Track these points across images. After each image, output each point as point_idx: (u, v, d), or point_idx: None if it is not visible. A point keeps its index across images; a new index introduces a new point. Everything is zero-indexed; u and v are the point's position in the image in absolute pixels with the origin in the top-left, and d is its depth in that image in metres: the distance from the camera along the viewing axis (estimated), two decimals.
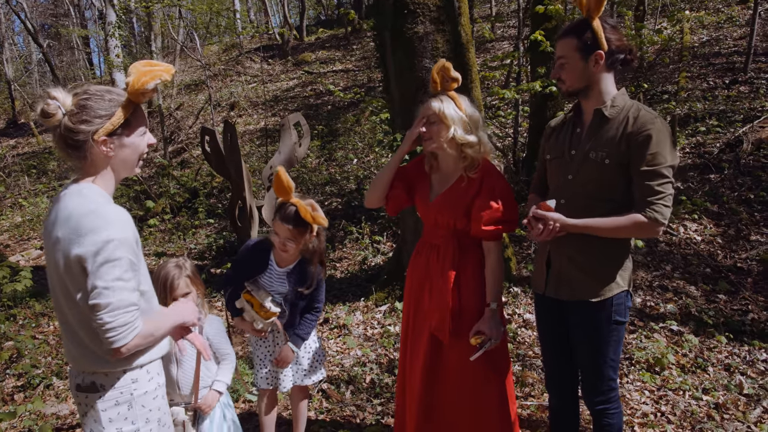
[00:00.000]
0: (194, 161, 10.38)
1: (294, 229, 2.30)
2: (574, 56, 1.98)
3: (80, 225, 1.46)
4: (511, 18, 12.79)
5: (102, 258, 1.44)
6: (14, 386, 3.85)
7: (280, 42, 16.31)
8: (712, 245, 4.86)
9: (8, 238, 8.75)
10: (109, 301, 1.44)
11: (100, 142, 1.53)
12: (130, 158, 1.61)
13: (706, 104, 7.29)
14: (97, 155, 1.55)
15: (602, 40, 1.93)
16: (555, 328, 2.25)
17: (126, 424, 1.60)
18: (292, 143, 5.00)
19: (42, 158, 12.43)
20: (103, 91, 1.56)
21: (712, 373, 3.35)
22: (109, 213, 1.49)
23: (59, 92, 1.51)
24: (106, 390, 1.58)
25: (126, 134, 1.58)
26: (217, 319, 2.45)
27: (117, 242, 1.46)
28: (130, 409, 1.60)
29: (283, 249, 2.36)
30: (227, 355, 2.42)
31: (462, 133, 2.16)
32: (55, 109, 1.49)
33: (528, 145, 6.59)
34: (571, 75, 2.01)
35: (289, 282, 2.45)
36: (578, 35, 1.96)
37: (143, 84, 1.53)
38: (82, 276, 1.46)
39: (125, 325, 1.46)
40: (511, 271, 4.53)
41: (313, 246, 2.43)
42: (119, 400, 1.59)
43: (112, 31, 11.54)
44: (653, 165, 1.89)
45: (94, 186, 1.56)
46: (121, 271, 1.47)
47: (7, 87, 17.49)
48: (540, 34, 5.25)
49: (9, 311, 5.04)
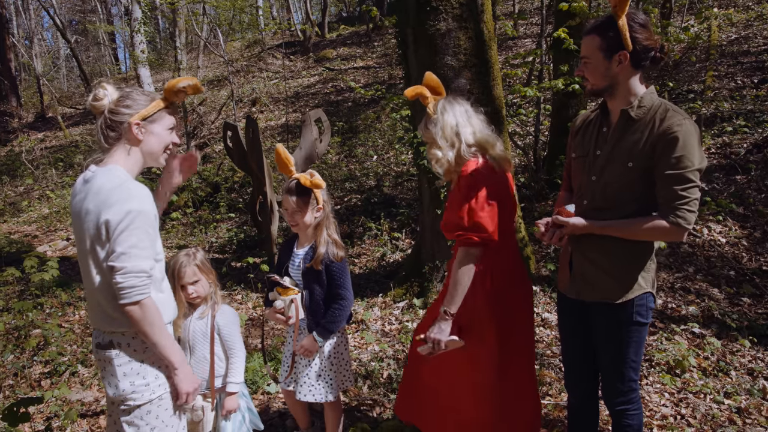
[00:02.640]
0: (216, 156, 10.50)
1: (298, 199, 2.42)
2: (596, 55, 1.93)
3: (109, 196, 1.72)
4: (534, 15, 12.67)
5: (123, 225, 1.69)
6: (41, 373, 3.96)
7: (301, 39, 16.40)
8: (736, 247, 4.77)
9: (36, 229, 8.97)
10: (123, 264, 1.69)
11: (134, 124, 1.80)
12: (156, 147, 1.88)
13: (733, 104, 7.14)
14: (129, 137, 1.82)
15: (627, 39, 1.86)
16: (576, 327, 2.24)
17: (138, 378, 1.82)
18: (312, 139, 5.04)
19: (69, 151, 12.70)
20: (143, 91, 1.90)
21: (735, 377, 3.30)
22: (132, 188, 1.75)
23: (110, 85, 1.84)
24: (121, 348, 1.82)
25: (155, 124, 1.86)
26: (229, 310, 2.47)
27: (136, 213, 1.71)
28: (141, 365, 1.84)
29: (292, 222, 2.48)
30: (234, 350, 2.41)
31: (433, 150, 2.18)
32: (103, 95, 1.80)
33: (549, 144, 6.54)
34: (594, 74, 1.96)
35: (304, 262, 2.50)
36: (602, 34, 1.91)
37: (176, 83, 1.86)
38: (107, 239, 1.72)
39: (133, 288, 1.71)
40: (530, 271, 4.51)
41: (318, 218, 2.48)
42: (132, 357, 1.83)
43: (137, 27, 11.72)
44: (679, 169, 1.83)
45: (119, 167, 1.82)
46: (137, 239, 1.71)
47: (36, 82, 17.90)
48: (563, 31, 5.19)
49: (36, 300, 5.18)
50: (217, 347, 2.39)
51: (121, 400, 1.82)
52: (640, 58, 1.91)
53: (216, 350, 2.39)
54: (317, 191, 2.43)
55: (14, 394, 3.68)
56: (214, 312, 2.40)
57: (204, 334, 2.38)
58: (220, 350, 2.41)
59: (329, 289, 2.48)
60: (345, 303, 2.48)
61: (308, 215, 2.44)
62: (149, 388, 1.83)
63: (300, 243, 2.56)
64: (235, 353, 2.41)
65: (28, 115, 17.17)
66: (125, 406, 1.82)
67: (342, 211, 7.09)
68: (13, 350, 4.23)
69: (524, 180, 6.15)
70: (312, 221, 2.46)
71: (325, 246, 2.45)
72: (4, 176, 12.32)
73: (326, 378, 2.54)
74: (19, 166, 12.50)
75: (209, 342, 2.37)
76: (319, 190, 2.43)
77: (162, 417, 1.87)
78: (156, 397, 1.85)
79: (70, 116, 16.54)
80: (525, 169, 6.58)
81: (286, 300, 2.48)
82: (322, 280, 2.46)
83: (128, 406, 1.82)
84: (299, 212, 2.43)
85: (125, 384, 1.80)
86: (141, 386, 1.82)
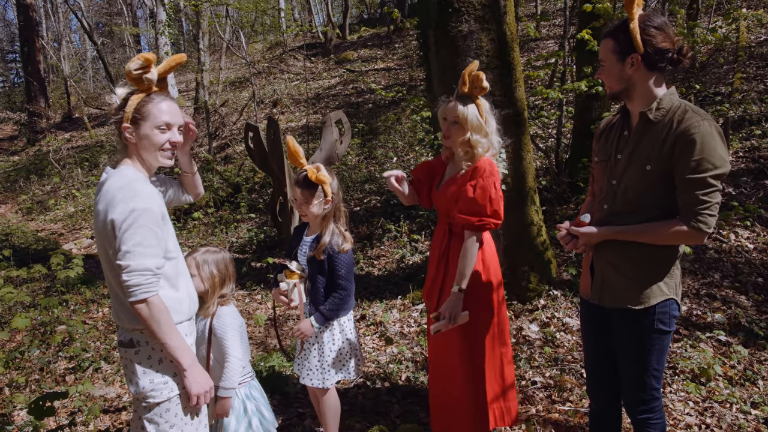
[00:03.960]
0: (237, 157, 10.61)
1: (305, 190, 2.50)
2: (610, 58, 1.94)
3: (114, 197, 1.74)
4: (556, 16, 12.55)
5: (127, 224, 1.71)
6: (65, 368, 4.04)
7: (323, 40, 16.49)
8: (765, 254, 4.65)
9: (62, 227, 9.17)
10: (128, 263, 1.71)
11: (124, 129, 1.83)
12: (149, 148, 1.85)
13: (762, 106, 6.97)
14: (126, 141, 1.85)
15: (638, 41, 1.85)
16: (598, 333, 2.20)
17: (157, 376, 1.84)
18: (333, 140, 5.05)
19: (94, 151, 12.95)
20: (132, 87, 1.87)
21: (763, 387, 3.22)
22: (137, 187, 1.77)
23: (123, 89, 1.86)
24: (141, 346, 1.84)
25: (142, 124, 1.84)
26: (228, 313, 2.39)
27: (141, 211, 1.72)
28: (161, 364, 1.85)
29: (301, 212, 2.57)
30: (228, 356, 2.32)
31: (477, 137, 2.41)
32: (113, 101, 1.85)
33: (571, 147, 6.46)
34: (609, 77, 1.98)
35: (309, 250, 2.58)
36: (615, 37, 1.92)
37: (127, 67, 1.79)
38: (113, 238, 1.74)
39: (139, 286, 1.71)
40: (551, 275, 4.46)
41: (326, 210, 2.55)
42: (152, 356, 1.84)
43: (162, 29, 11.90)
44: (699, 173, 1.80)
45: (129, 168, 1.85)
46: (142, 237, 1.72)
47: (64, 83, 18.29)
48: (587, 32, 5.13)
49: (62, 297, 5.29)
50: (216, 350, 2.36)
51: (141, 397, 1.84)
52: (654, 60, 1.89)
53: (216, 353, 2.36)
54: (326, 186, 2.51)
55: (40, 388, 3.76)
56: (213, 314, 2.37)
57: (202, 335, 2.37)
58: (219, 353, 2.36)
59: (330, 279, 2.53)
60: (344, 293, 2.54)
61: (315, 207, 2.52)
62: (168, 386, 1.85)
63: (309, 231, 2.67)
64: (229, 358, 2.32)
65: (55, 116, 17.57)
66: (146, 404, 1.84)
67: (361, 212, 7.10)
68: (39, 346, 4.32)
69: (546, 183, 6.08)
70: (320, 212, 2.53)
71: (330, 236, 2.51)
72: (33, 175, 12.63)
73: (324, 366, 2.61)
74: (47, 165, 12.79)
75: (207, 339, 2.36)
76: (328, 184, 2.51)
77: (181, 415, 1.88)
78: (175, 395, 1.87)
79: (95, 117, 16.87)
80: (547, 172, 6.50)
81: (289, 283, 2.56)
82: (324, 270, 2.52)
83: (148, 404, 1.84)
84: (306, 203, 2.52)
85: (145, 381, 1.82)
86: (160, 384, 1.84)
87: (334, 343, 2.62)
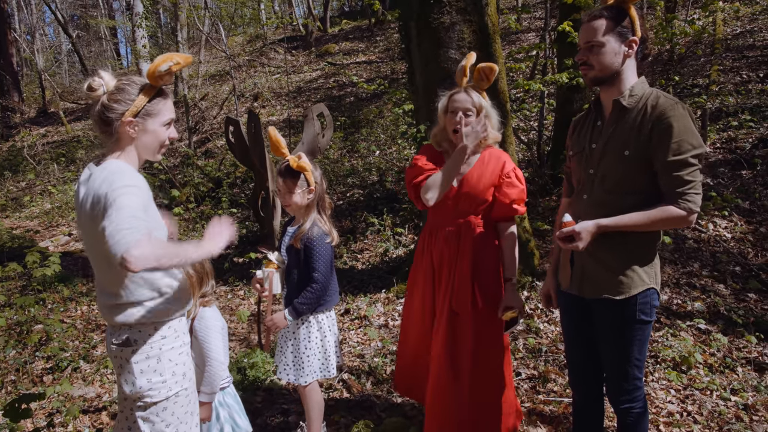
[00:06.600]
0: (218, 151, 10.48)
1: (288, 179, 2.50)
2: (609, 40, 1.90)
3: (108, 179, 1.64)
4: (537, 9, 12.59)
5: (116, 194, 1.59)
6: (43, 368, 3.95)
7: (303, 33, 16.34)
8: (742, 243, 4.73)
9: (38, 224, 8.97)
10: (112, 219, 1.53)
11: (126, 123, 1.72)
12: (151, 144, 1.81)
13: (738, 98, 7.08)
14: (123, 134, 1.75)
15: (638, 26, 1.90)
16: (579, 324, 2.21)
17: (155, 375, 1.79)
18: (315, 134, 5.00)
19: (70, 147, 12.68)
20: (139, 79, 1.78)
21: (742, 374, 3.27)
22: (133, 174, 1.70)
23: (107, 74, 1.75)
24: (138, 345, 1.77)
25: (150, 120, 1.77)
26: (209, 315, 2.34)
27: (132, 186, 1.64)
28: (159, 363, 1.80)
29: (284, 203, 2.56)
30: (209, 359, 2.27)
31: (489, 126, 2.45)
32: (98, 86, 1.71)
33: (553, 139, 6.50)
34: (604, 59, 1.92)
35: (290, 238, 2.58)
36: (614, 18, 1.90)
37: (156, 66, 1.70)
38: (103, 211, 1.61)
39: (126, 229, 1.50)
40: (534, 266, 4.48)
41: (309, 200, 2.54)
42: (149, 354, 1.78)
43: (139, 21, 11.68)
44: (680, 154, 1.84)
45: (119, 161, 1.75)
46: (129, 201, 1.58)
47: (38, 77, 17.87)
48: (568, 24, 5.14)
49: (39, 295, 5.17)
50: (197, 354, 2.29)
51: (138, 397, 1.80)
52: (640, 48, 1.95)
53: (196, 357, 2.28)
54: (308, 173, 2.51)
55: (16, 389, 3.67)
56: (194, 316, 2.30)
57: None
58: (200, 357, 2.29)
59: (306, 270, 2.50)
60: (317, 287, 2.47)
61: (298, 196, 2.51)
62: (166, 385, 1.81)
63: (294, 222, 2.67)
64: (210, 362, 2.27)
65: (30, 110, 17.15)
66: (142, 403, 1.80)
67: (344, 206, 7.07)
68: (15, 346, 4.22)
69: (528, 175, 6.10)
70: (303, 202, 2.53)
71: (310, 225, 2.51)
72: (6, 171, 12.32)
73: (298, 362, 2.59)
74: (21, 161, 12.49)
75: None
76: (310, 172, 2.51)
77: (177, 414, 1.86)
78: (173, 395, 1.83)
79: (71, 111, 16.51)
80: (529, 164, 6.53)
81: (265, 272, 2.55)
82: (300, 260, 2.50)
83: (145, 403, 1.80)
84: (289, 192, 2.51)
85: (142, 381, 1.78)
86: (158, 383, 1.80)
87: (310, 340, 2.58)
